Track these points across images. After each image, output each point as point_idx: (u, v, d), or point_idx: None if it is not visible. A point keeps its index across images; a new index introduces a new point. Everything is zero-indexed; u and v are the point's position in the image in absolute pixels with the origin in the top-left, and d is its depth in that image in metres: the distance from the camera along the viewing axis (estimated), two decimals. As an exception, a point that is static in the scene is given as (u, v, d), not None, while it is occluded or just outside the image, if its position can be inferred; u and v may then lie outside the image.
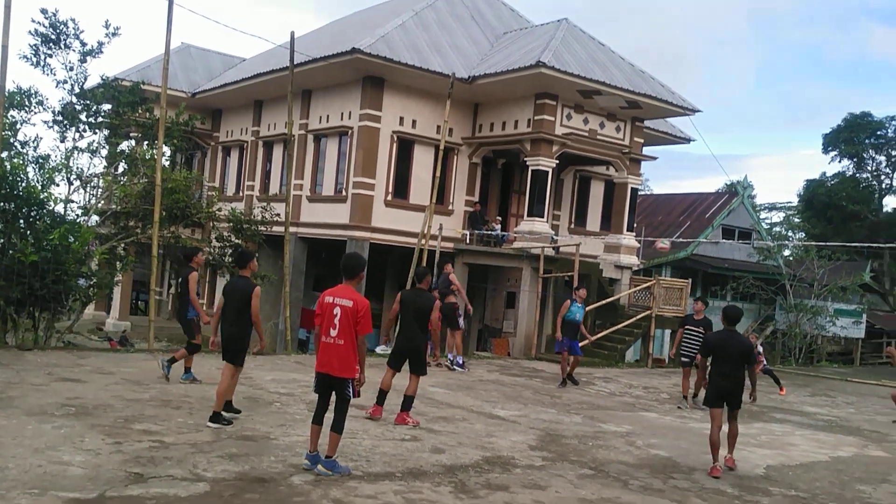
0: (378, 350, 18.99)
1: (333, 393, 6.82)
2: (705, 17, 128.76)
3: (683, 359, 13.43)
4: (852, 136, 45.92)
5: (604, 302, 20.01)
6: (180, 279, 10.74)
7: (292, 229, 21.06)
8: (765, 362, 17.11)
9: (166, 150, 28.94)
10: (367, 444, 8.01)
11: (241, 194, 27.16)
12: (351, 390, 6.75)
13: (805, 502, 7.50)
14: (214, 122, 29.54)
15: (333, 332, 6.67)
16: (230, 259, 22.29)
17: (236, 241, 21.84)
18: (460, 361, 15.15)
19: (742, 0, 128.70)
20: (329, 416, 6.82)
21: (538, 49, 20.22)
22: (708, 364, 8.81)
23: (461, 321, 15.62)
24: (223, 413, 8.31)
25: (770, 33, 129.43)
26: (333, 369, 6.69)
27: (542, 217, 21.15)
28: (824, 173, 48.87)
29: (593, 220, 25.71)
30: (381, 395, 9.40)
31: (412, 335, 9.28)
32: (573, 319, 14.28)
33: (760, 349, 17.23)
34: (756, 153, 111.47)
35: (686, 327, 13.50)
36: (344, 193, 21.61)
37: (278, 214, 21.11)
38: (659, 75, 22.59)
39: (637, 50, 79.99)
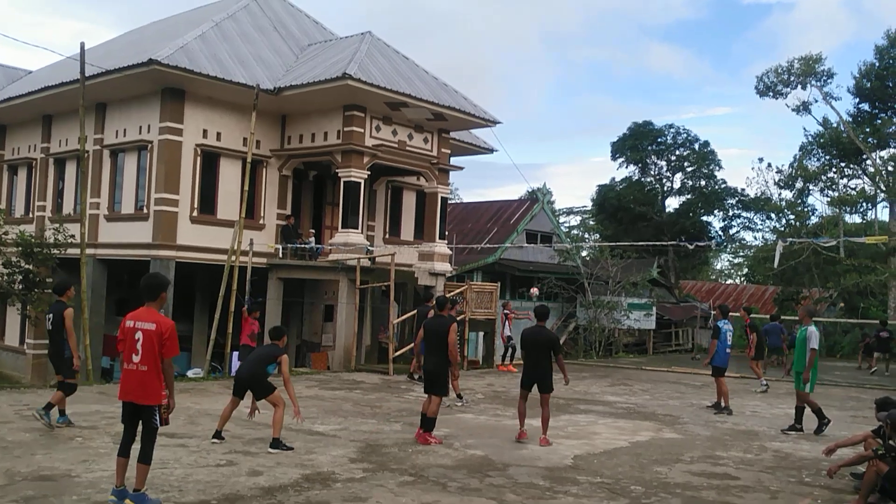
0: (190, 374, 18.25)
1: (140, 422, 6.51)
2: (503, 36, 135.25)
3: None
4: (636, 143, 49.77)
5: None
6: (52, 315, 10.03)
7: (90, 251, 19.76)
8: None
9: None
10: (179, 472, 7.69)
11: (31, 216, 25.03)
12: (158, 418, 6.47)
13: (609, 487, 8.07)
14: (-2, 139, 27.11)
15: (136, 358, 6.39)
16: (21, 286, 20.57)
17: (26, 266, 20.18)
18: None
19: (536, 21, 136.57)
20: (136, 447, 6.49)
21: (344, 61, 20.30)
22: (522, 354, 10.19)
23: None
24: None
25: (561, 52, 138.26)
26: (138, 397, 6.40)
27: (357, 228, 21.22)
28: (614, 178, 52.45)
29: (407, 229, 26.14)
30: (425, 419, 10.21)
31: (436, 359, 10.12)
32: None
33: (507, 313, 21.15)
34: (553, 161, 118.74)
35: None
36: (145, 211, 20.50)
37: (73, 236, 19.72)
38: (462, 89, 23.41)
39: (439, 65, 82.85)
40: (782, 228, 39.52)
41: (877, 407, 8.74)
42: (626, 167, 51.37)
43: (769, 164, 42.73)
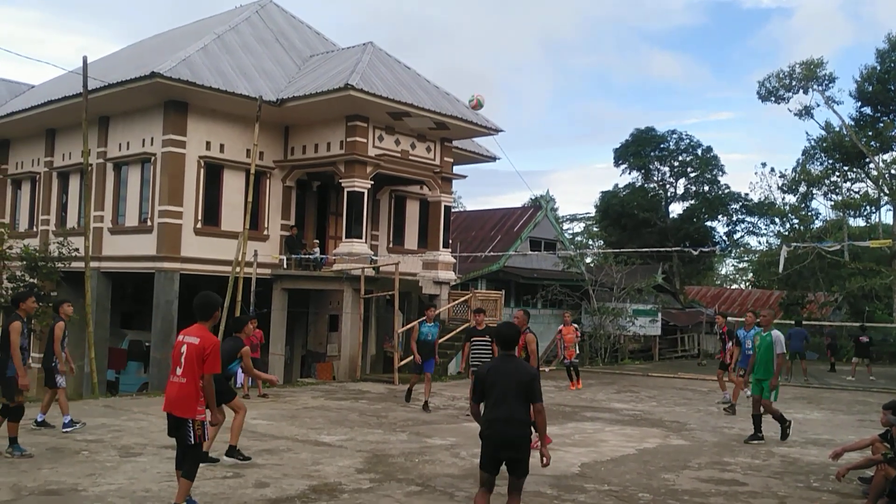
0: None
1: None
2: (502, 45, 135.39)
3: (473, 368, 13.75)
4: (639, 149, 49.81)
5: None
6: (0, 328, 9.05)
7: (94, 264, 19.79)
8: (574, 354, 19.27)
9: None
10: (186, 485, 7.67)
11: (35, 230, 25.10)
12: (192, 434, 6.41)
13: (617, 495, 8.04)
14: (1, 154, 27.15)
15: (178, 371, 6.49)
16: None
17: (31, 280, 20.22)
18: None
19: (535, 29, 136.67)
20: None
21: (346, 72, 20.36)
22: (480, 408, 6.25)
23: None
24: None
25: (560, 59, 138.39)
26: (174, 409, 6.47)
27: (361, 238, 21.24)
28: (617, 185, 52.54)
29: (411, 238, 26.15)
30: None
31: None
32: (426, 339, 14.50)
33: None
34: (555, 168, 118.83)
35: (472, 340, 13.09)
36: (149, 223, 20.55)
37: (77, 249, 19.77)
38: (463, 98, 23.39)
39: (438, 74, 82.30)
40: (786, 233, 39.48)
41: (885, 410, 8.68)
42: (630, 173, 51.44)
43: (772, 169, 42.62)
